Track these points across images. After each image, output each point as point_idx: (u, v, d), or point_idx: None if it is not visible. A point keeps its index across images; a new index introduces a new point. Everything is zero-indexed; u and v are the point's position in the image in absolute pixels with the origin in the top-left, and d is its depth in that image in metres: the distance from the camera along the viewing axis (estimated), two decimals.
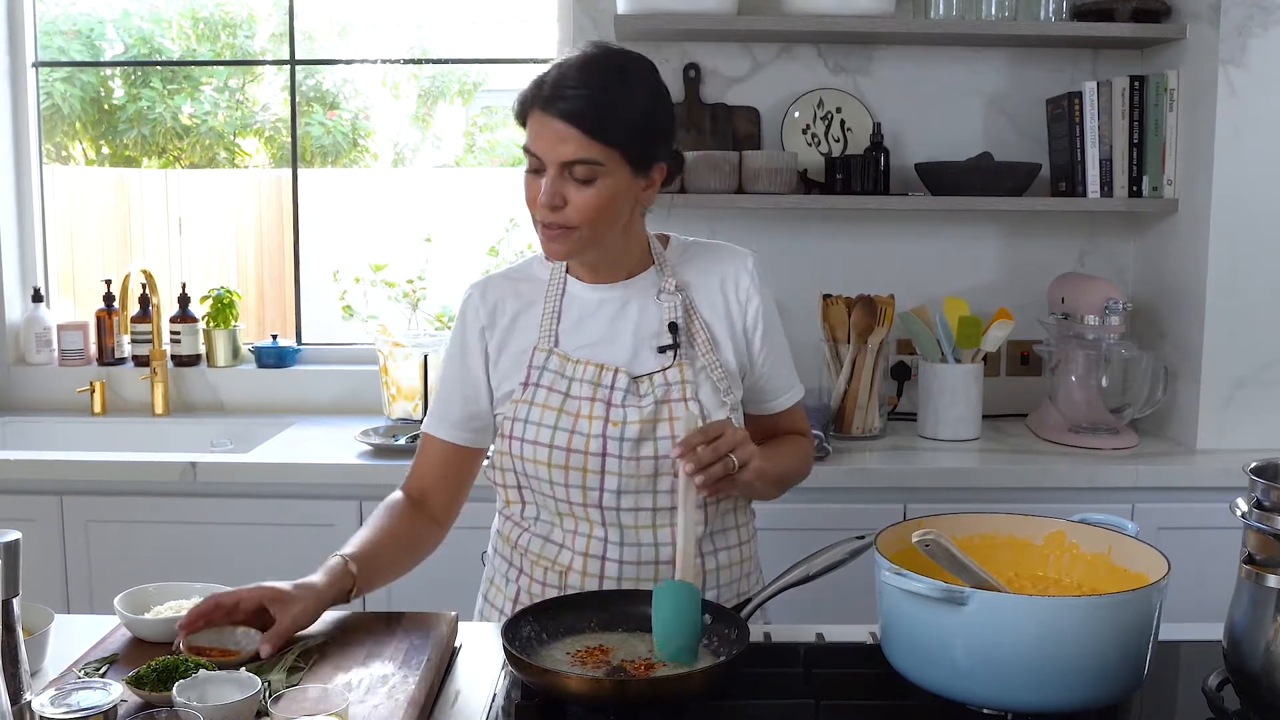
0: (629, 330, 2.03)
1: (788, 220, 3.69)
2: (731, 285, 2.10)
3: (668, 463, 1.96)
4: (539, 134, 1.88)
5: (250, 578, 2.34)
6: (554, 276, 2.07)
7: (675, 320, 2.02)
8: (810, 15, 3.38)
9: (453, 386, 2.10)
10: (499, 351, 2.06)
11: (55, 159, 4.75)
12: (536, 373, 2.01)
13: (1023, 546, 1.81)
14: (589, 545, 2.01)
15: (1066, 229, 3.73)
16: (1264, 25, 3.19)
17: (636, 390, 1.98)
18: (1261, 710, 1.55)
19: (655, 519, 2.00)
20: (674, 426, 1.97)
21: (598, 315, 2.05)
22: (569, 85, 1.86)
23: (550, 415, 1.98)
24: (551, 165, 1.87)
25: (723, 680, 1.56)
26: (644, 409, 1.97)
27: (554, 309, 2.05)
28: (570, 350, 2.02)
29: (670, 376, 2.00)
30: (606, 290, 2.05)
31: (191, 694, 1.47)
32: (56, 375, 3.89)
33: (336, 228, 4.96)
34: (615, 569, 2.00)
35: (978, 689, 1.52)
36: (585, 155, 1.86)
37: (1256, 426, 3.32)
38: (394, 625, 1.83)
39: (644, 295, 2.05)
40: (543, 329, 2.04)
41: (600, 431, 1.95)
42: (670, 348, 2.01)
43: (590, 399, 1.97)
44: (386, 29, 5.07)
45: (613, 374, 1.98)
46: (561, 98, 1.85)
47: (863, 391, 3.44)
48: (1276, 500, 1.51)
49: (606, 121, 1.86)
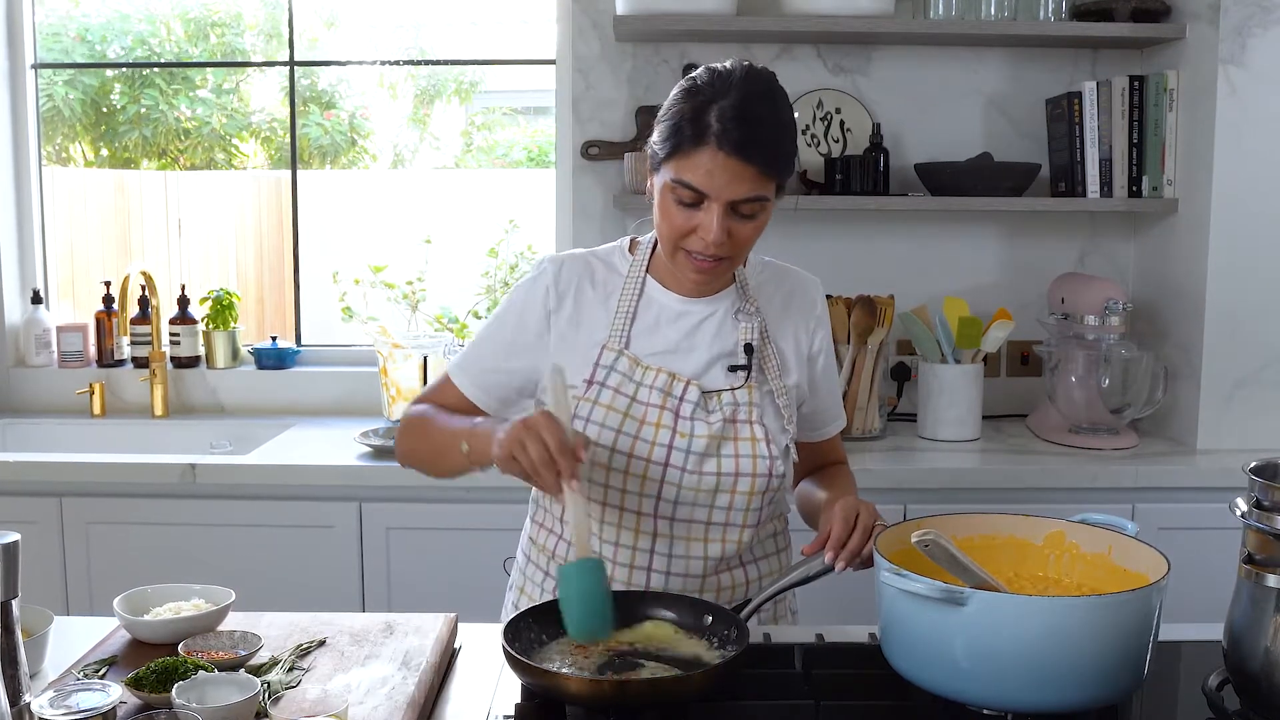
0: (704, 345, 2.00)
1: (787, 221, 3.69)
2: (804, 313, 2.11)
3: (729, 480, 1.95)
4: (711, 172, 1.81)
5: (250, 579, 2.35)
6: (632, 273, 2.04)
7: (751, 342, 2.01)
8: (809, 15, 3.38)
9: (498, 351, 2.06)
10: (563, 338, 2.01)
11: (55, 161, 4.75)
12: (604, 372, 1.97)
13: (1023, 547, 1.81)
14: (634, 557, 1.98)
15: (1066, 229, 3.73)
16: (1263, 25, 3.19)
17: (705, 405, 1.96)
18: (1261, 710, 1.56)
19: (707, 533, 1.98)
20: (738, 446, 1.95)
21: (675, 324, 2.01)
22: (751, 123, 1.81)
23: (615, 418, 1.94)
24: (719, 202, 1.83)
25: (723, 680, 1.56)
26: (712, 425, 1.95)
27: (629, 309, 2.01)
28: (641, 355, 1.99)
29: (739, 397, 1.98)
30: (689, 302, 2.02)
31: (191, 695, 1.47)
32: (56, 377, 3.89)
33: (336, 229, 4.96)
34: (661, 580, 1.98)
35: (978, 689, 1.52)
36: (757, 193, 1.84)
37: (1256, 426, 3.32)
38: (393, 626, 1.83)
39: (723, 313, 2.03)
40: (615, 328, 2.00)
41: (667, 441, 1.93)
42: (743, 369, 1.99)
43: (660, 407, 1.95)
44: (384, 30, 5.07)
45: (684, 385, 1.96)
46: (746, 139, 1.80)
47: (863, 392, 3.44)
48: (1276, 500, 1.52)
49: (780, 160, 1.85)
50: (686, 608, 1.77)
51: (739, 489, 1.95)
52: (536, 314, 2.03)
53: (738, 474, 1.95)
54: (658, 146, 1.90)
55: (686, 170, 1.83)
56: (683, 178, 1.83)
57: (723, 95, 1.82)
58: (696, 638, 1.71)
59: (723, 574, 2.01)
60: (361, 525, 3.12)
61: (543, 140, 5.51)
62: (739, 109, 1.81)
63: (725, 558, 2.00)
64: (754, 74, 1.87)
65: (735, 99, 1.81)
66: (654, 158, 1.92)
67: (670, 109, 1.89)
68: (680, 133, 1.84)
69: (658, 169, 1.91)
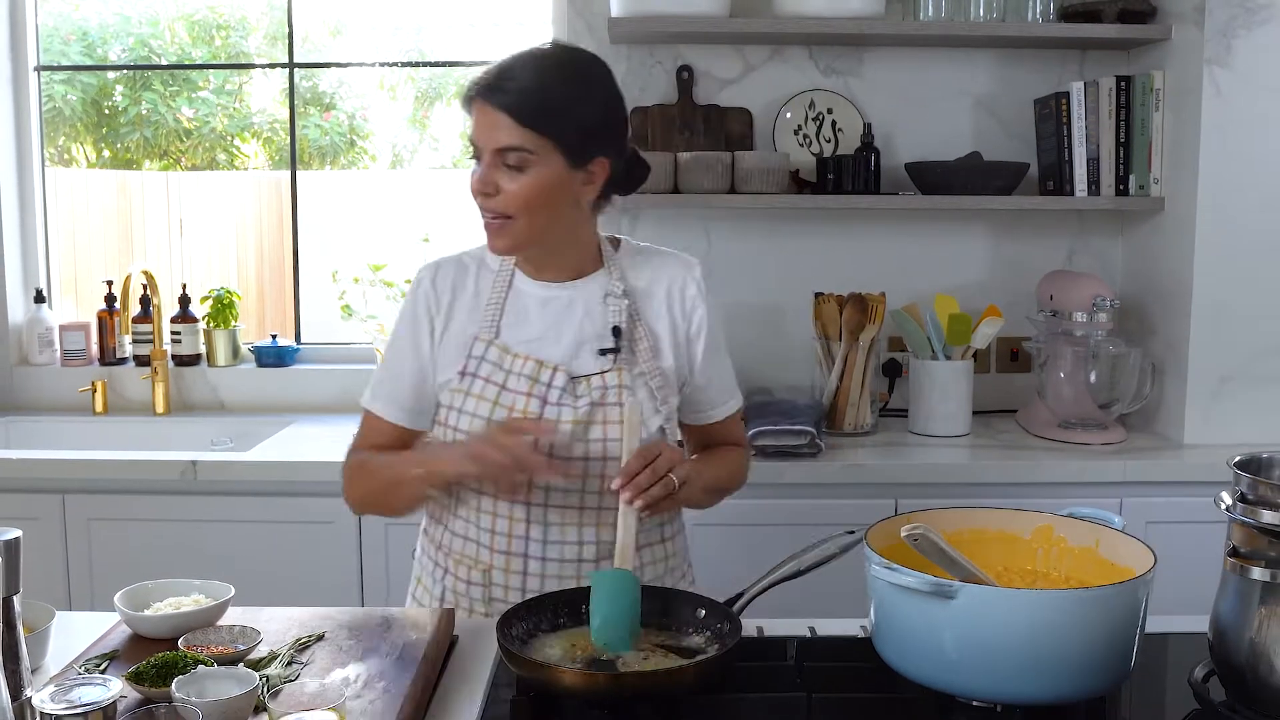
0: (572, 330, 2.03)
1: (780, 220, 3.71)
2: (678, 293, 2.11)
3: (598, 464, 1.97)
4: (477, 123, 1.91)
5: (250, 575, 2.36)
6: (502, 268, 2.08)
7: (619, 324, 2.03)
8: (801, 17, 3.39)
9: (404, 365, 2.08)
10: (443, 335, 2.06)
11: (58, 162, 4.75)
12: (475, 362, 2.01)
13: (1011, 540, 1.83)
14: (510, 544, 2.01)
15: (1055, 227, 3.75)
16: (1248, 26, 3.21)
17: (573, 390, 1.99)
18: (1246, 701, 1.57)
19: (581, 518, 2.00)
20: (607, 430, 1.97)
21: (542, 312, 2.05)
22: (506, 76, 1.89)
23: (485, 406, 1.98)
24: (487, 152, 1.90)
25: (715, 674, 1.58)
26: (579, 409, 1.97)
27: (499, 300, 2.05)
28: (511, 344, 2.02)
29: (609, 380, 2.00)
30: (553, 289, 2.06)
31: (190, 690, 1.48)
32: (58, 375, 3.90)
33: (335, 228, 4.97)
34: (539, 566, 2.01)
35: (967, 681, 1.54)
36: (516, 142, 1.88)
37: (1242, 421, 3.34)
38: (390, 620, 1.84)
39: (591, 297, 2.05)
40: (485, 319, 2.04)
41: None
42: (611, 351, 2.01)
43: (526, 394, 1.98)
44: (384, 32, 5.07)
45: (551, 371, 1.99)
46: (499, 89, 1.89)
47: (854, 388, 3.46)
48: (1261, 494, 1.53)
49: (538, 110, 1.89)
50: (678, 600, 1.78)
51: (607, 472, 1.95)
52: (424, 317, 2.07)
53: (605, 457, 1.97)
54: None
55: (470, 129, 1.94)
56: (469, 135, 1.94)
57: (490, 69, 1.93)
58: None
59: (603, 561, 2.01)
60: (360, 521, 3.13)
61: None
62: (501, 67, 1.91)
63: (601, 543, 2.01)
64: (545, 46, 1.98)
65: (504, 62, 1.92)
66: None
67: None
68: (465, 93, 1.95)
69: None
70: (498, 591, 2.02)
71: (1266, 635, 1.53)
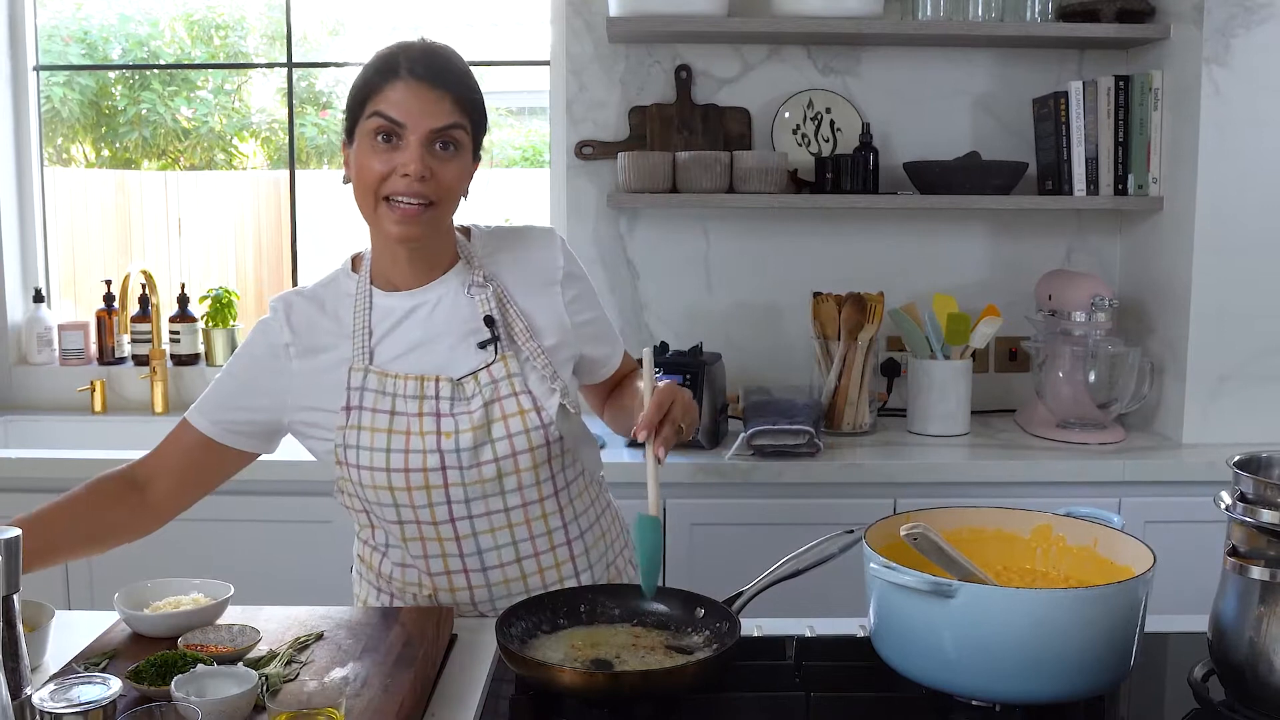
0: (444, 333, 1.96)
1: (778, 219, 3.72)
2: (544, 267, 2.04)
3: (509, 461, 1.92)
4: (405, 100, 1.83)
5: (249, 574, 2.37)
6: (360, 290, 1.99)
7: (490, 313, 1.95)
8: (799, 17, 3.40)
9: (232, 389, 2.03)
10: (306, 374, 1.98)
11: (56, 161, 4.75)
12: (356, 394, 1.93)
13: (1010, 540, 1.82)
14: (447, 564, 1.97)
15: (1053, 227, 3.76)
16: (1246, 25, 3.21)
17: (464, 394, 1.92)
18: (1246, 700, 1.56)
19: (510, 518, 1.96)
20: (509, 424, 1.92)
21: (409, 323, 1.96)
22: (437, 59, 1.87)
23: (381, 438, 1.91)
24: (417, 133, 1.83)
25: (715, 673, 1.57)
26: (474, 414, 1.91)
27: (364, 324, 1.96)
28: (387, 365, 1.94)
29: (495, 372, 1.93)
30: (414, 296, 1.98)
31: (190, 688, 1.47)
32: (57, 375, 3.91)
33: (334, 228, 4.96)
34: (481, 578, 1.99)
35: (966, 680, 1.54)
36: (453, 121, 1.85)
37: (1241, 420, 3.35)
38: (389, 620, 1.84)
39: (454, 293, 1.98)
40: (355, 347, 1.95)
41: (435, 446, 1.90)
42: (490, 342, 1.94)
43: (418, 414, 1.91)
44: (382, 31, 5.07)
45: (435, 383, 1.92)
46: (435, 69, 1.85)
47: (853, 388, 3.46)
48: (1260, 493, 1.53)
49: (472, 94, 1.89)
50: (677, 600, 1.78)
51: (522, 467, 1.92)
52: (274, 354, 1.99)
53: (514, 453, 1.92)
54: (350, 110, 1.91)
55: (383, 104, 1.84)
56: (380, 109, 1.84)
57: (407, 49, 1.88)
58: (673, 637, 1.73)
59: (543, 555, 2.00)
60: None
61: (537, 140, 5.52)
62: (425, 51, 1.88)
63: (539, 536, 1.99)
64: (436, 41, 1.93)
65: (420, 47, 1.88)
66: (348, 127, 1.92)
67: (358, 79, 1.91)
68: (368, 83, 1.87)
69: (351, 134, 1.91)
70: None
71: (1266, 634, 1.53)
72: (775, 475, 3.10)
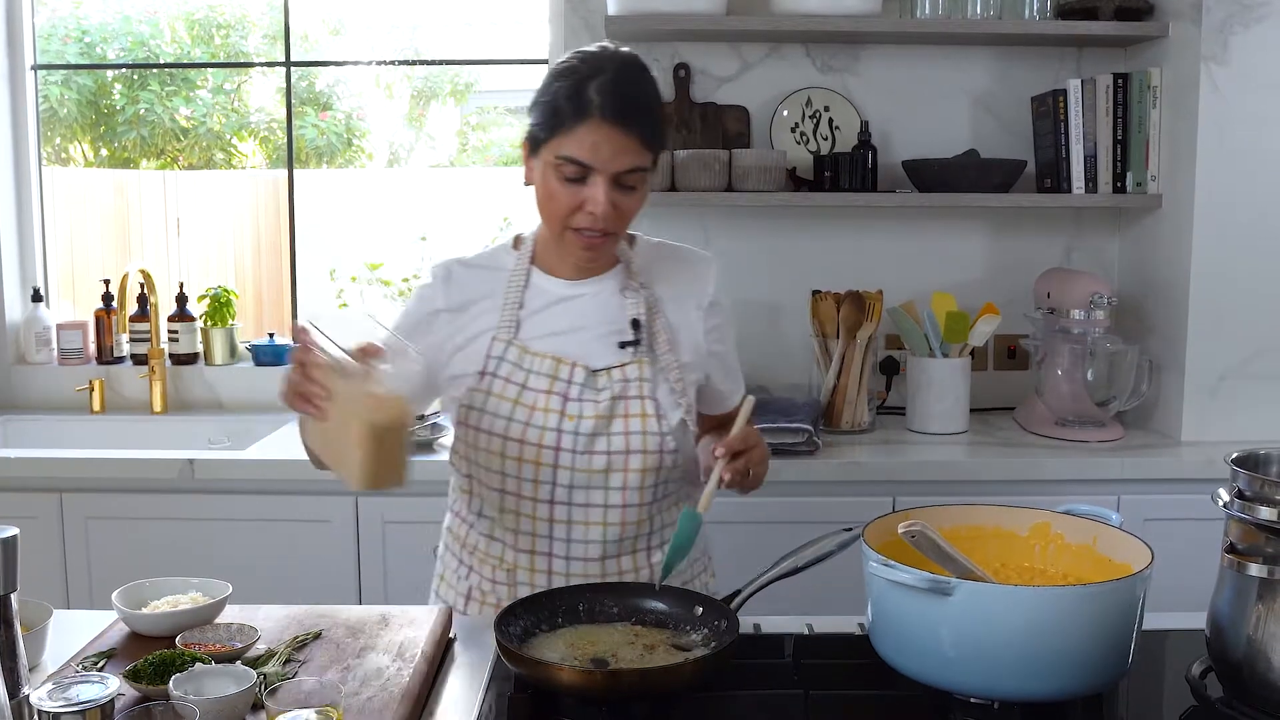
0: (591, 325, 2.03)
1: (777, 217, 3.71)
2: (696, 290, 2.12)
3: (620, 458, 1.98)
4: (595, 145, 1.85)
5: (247, 573, 2.37)
6: (518, 266, 2.07)
7: (638, 317, 2.03)
8: (798, 15, 3.40)
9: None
10: (455, 337, 2.05)
11: (55, 161, 4.76)
12: (494, 362, 2.00)
13: (1008, 537, 1.83)
14: (534, 544, 2.02)
15: (1052, 225, 3.76)
16: (1245, 23, 3.21)
17: (594, 384, 1.99)
18: (1244, 698, 1.57)
19: (606, 516, 2.01)
20: (629, 423, 1.98)
21: (561, 309, 2.04)
22: (629, 95, 1.86)
23: (506, 406, 1.97)
24: (605, 174, 1.87)
25: (713, 671, 1.57)
26: (600, 404, 1.97)
27: (516, 299, 2.04)
28: (529, 341, 2.01)
29: (629, 373, 2.00)
30: (573, 285, 2.06)
31: (188, 687, 1.48)
32: (56, 374, 3.91)
33: (332, 227, 4.97)
34: (563, 565, 2.02)
35: (964, 678, 1.54)
36: (639, 164, 1.88)
37: (1240, 418, 3.34)
38: (388, 619, 1.84)
39: (608, 292, 2.06)
40: (503, 319, 2.03)
41: (555, 425, 1.96)
42: (632, 343, 2.01)
43: (547, 392, 1.98)
44: (381, 31, 5.08)
45: (570, 368, 1.99)
46: (629, 111, 1.85)
47: (852, 386, 3.46)
48: (1258, 490, 1.53)
49: (657, 131, 1.90)
50: (675, 598, 1.78)
51: (631, 466, 1.97)
52: (430, 317, 2.06)
53: (628, 450, 1.97)
54: (538, 128, 1.92)
55: (570, 145, 1.86)
56: (567, 153, 1.87)
57: (599, 73, 1.86)
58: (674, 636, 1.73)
59: (624, 557, 2.04)
60: (358, 520, 3.14)
61: None
62: (616, 83, 1.86)
63: (624, 540, 2.03)
64: (625, 54, 1.93)
65: (612, 75, 1.86)
66: (534, 140, 1.94)
67: (546, 90, 1.91)
68: (560, 111, 1.87)
69: (538, 151, 1.93)
70: (523, 590, 2.01)
71: (1263, 632, 1.53)
72: (774, 474, 3.05)
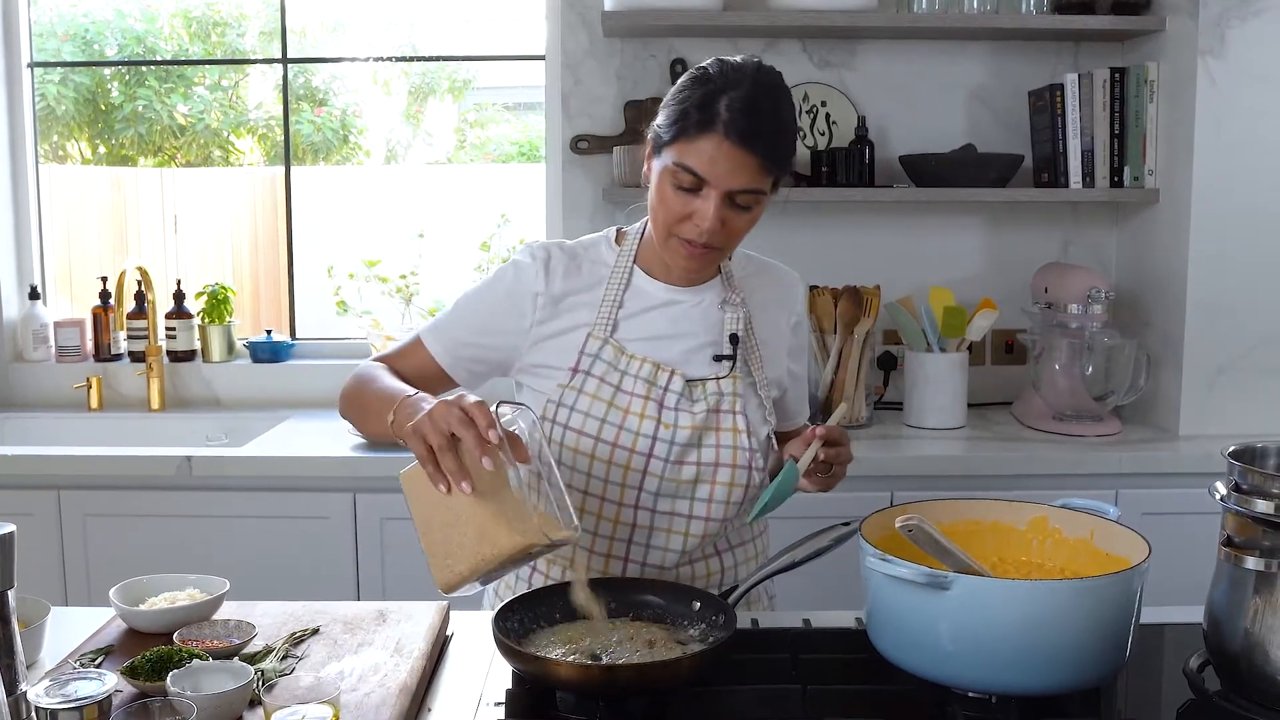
0: (690, 334, 2.00)
1: (774, 212, 3.68)
2: (786, 308, 2.13)
3: (709, 470, 1.95)
4: (714, 159, 1.81)
5: (245, 570, 2.37)
6: (619, 264, 2.03)
7: (737, 332, 2.01)
8: (795, 10, 3.40)
9: (474, 323, 2.04)
10: (547, 325, 2.00)
11: (52, 158, 4.75)
12: (589, 360, 1.96)
13: (1006, 532, 1.82)
14: (611, 547, 1.98)
15: (1049, 219, 3.76)
16: (1242, 17, 3.22)
17: (690, 395, 1.96)
18: (1241, 690, 1.57)
19: (689, 526, 1.98)
20: (720, 437, 1.96)
21: (660, 314, 2.01)
22: (758, 117, 1.82)
23: (600, 407, 1.94)
24: (718, 189, 1.84)
25: (711, 665, 1.57)
26: (696, 415, 1.95)
27: (616, 298, 2.00)
28: (626, 343, 1.98)
29: (724, 387, 1.98)
30: (674, 292, 2.02)
31: (185, 684, 1.48)
32: (53, 371, 3.91)
33: (330, 224, 4.97)
34: (637, 570, 1.99)
35: (962, 672, 1.54)
36: (755, 186, 1.85)
37: (1237, 412, 3.35)
38: (386, 614, 1.84)
39: (709, 303, 2.03)
40: (600, 315, 1.99)
41: (651, 432, 1.93)
42: (728, 358, 2.00)
43: (644, 397, 1.94)
44: (378, 27, 5.07)
45: (669, 375, 1.96)
46: (755, 133, 1.81)
47: (849, 381, 3.46)
48: (1255, 483, 1.53)
49: (780, 156, 1.87)
50: (673, 593, 1.78)
51: (719, 479, 1.96)
52: (523, 299, 2.00)
53: (718, 464, 1.95)
54: (663, 130, 1.88)
55: (690, 155, 1.83)
56: (685, 162, 1.83)
57: (734, 86, 1.82)
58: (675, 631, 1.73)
59: (697, 563, 2.03)
60: (356, 516, 3.14)
61: (533, 135, 5.51)
62: (748, 101, 1.81)
63: (693, 548, 2.00)
64: (765, 70, 1.88)
65: (745, 91, 1.82)
66: (657, 140, 1.90)
67: (679, 94, 1.88)
68: (687, 117, 1.83)
69: (659, 152, 1.89)
70: None
71: (1261, 624, 1.53)
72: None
